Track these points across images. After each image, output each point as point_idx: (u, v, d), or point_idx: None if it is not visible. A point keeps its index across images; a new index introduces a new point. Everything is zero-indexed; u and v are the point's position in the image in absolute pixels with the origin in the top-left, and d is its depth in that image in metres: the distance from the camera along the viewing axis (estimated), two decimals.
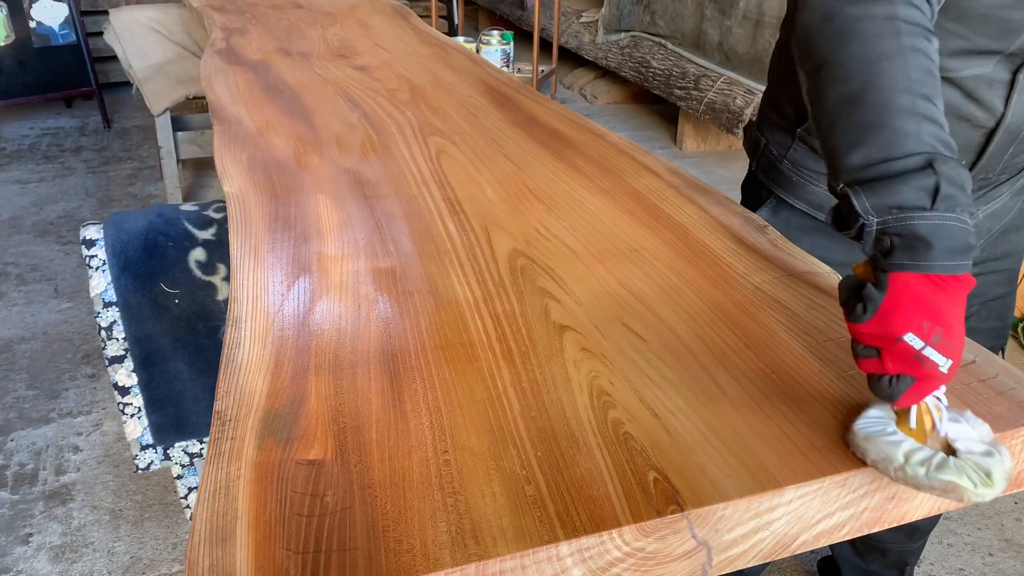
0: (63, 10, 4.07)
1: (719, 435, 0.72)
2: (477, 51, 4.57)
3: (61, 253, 2.93)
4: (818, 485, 0.68)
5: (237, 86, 1.77)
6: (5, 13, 3.92)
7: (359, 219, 1.13)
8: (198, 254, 1.29)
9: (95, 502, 1.81)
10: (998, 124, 1.01)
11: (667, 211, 1.18)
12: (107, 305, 1.24)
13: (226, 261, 1.33)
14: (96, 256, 1.24)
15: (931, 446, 0.67)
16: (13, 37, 3.97)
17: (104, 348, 1.25)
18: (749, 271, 1.01)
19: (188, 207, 1.33)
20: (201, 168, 3.60)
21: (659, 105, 4.72)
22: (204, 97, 1.76)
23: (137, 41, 3.07)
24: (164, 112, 3.00)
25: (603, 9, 4.61)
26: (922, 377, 0.67)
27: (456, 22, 5.16)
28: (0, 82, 3.97)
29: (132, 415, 1.28)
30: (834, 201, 0.78)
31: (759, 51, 3.44)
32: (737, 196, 1.38)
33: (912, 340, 0.66)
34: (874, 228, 0.70)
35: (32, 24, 4.00)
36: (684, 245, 1.08)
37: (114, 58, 4.22)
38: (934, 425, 0.69)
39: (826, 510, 0.69)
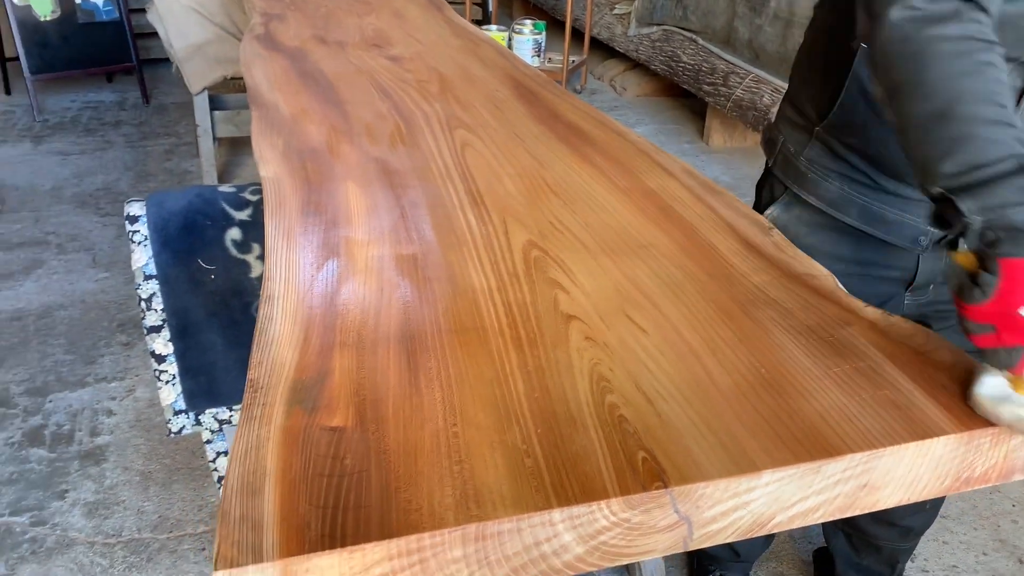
0: None
1: (707, 422, 0.79)
2: (509, 40, 4.62)
3: (100, 224, 3.04)
4: (794, 471, 0.74)
5: (274, 72, 1.85)
6: None
7: (385, 207, 1.20)
8: (234, 233, 1.36)
9: (126, 463, 1.91)
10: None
11: (678, 210, 1.23)
12: (147, 278, 1.32)
13: (260, 241, 1.41)
14: (139, 231, 1.32)
15: None
16: (59, 12, 4.07)
17: (143, 318, 1.33)
18: (751, 271, 1.07)
19: (226, 188, 1.41)
20: (236, 147, 3.70)
21: (687, 99, 4.75)
22: (241, 78, 1.84)
23: (178, 21, 3.16)
24: (202, 91, 3.09)
25: (636, 2, 4.64)
26: None
27: (490, 9, 5.21)
28: (45, 56, 4.08)
29: (167, 382, 1.37)
30: (846, 196, 1.01)
31: (788, 50, 3.47)
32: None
33: None
34: (979, 226, 0.81)
35: (77, 0, 4.11)
36: (691, 243, 1.13)
37: (154, 35, 4.32)
38: None
39: (800, 494, 0.75)
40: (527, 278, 1.03)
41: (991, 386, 0.81)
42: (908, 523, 1.52)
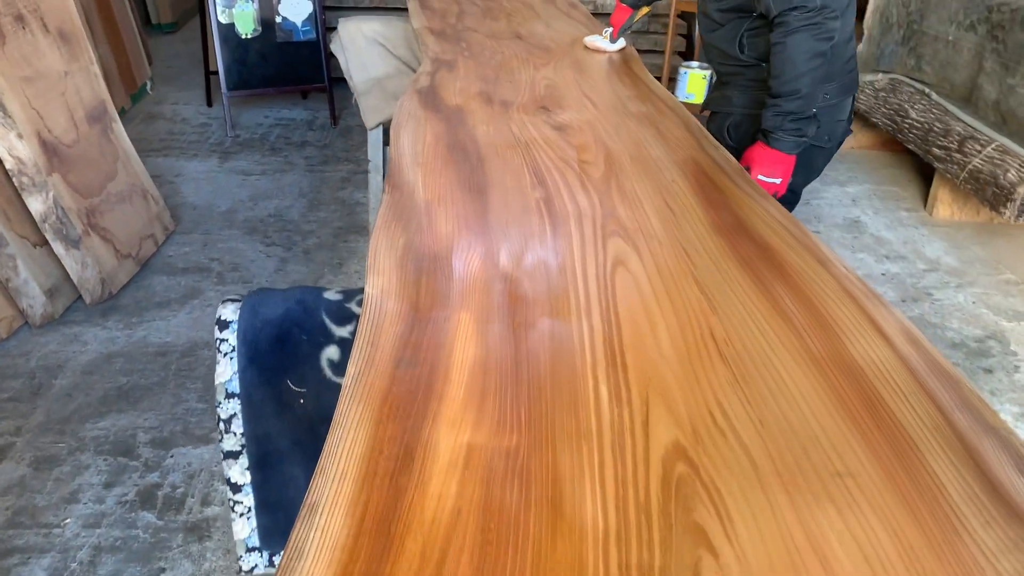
0: (308, 7, 4.21)
1: None
2: (710, 77, 4.25)
3: (263, 255, 2.99)
4: None
5: (424, 140, 1.65)
6: (255, 7, 4.11)
7: (496, 359, 0.95)
8: (331, 352, 1.16)
9: (229, 545, 1.77)
10: None
11: (891, 406, 0.90)
12: (229, 396, 1.14)
13: None
14: (227, 341, 1.14)
15: None
16: (260, 30, 4.15)
17: (220, 441, 1.15)
18: (999, 546, 0.72)
19: (332, 295, 1.20)
20: None
21: (911, 156, 4.19)
22: None
23: (360, 52, 3.08)
24: (376, 127, 2.98)
25: (861, 46, 4.14)
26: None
27: (695, 44, 4.86)
28: (243, 73, 4.17)
29: (242, 514, 1.18)
30: None
31: None
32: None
33: None
34: None
35: (278, 19, 4.17)
36: (908, 478, 0.80)
37: None
38: (613, 40, 2.38)
39: None
40: (662, 519, 0.74)
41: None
42: None
